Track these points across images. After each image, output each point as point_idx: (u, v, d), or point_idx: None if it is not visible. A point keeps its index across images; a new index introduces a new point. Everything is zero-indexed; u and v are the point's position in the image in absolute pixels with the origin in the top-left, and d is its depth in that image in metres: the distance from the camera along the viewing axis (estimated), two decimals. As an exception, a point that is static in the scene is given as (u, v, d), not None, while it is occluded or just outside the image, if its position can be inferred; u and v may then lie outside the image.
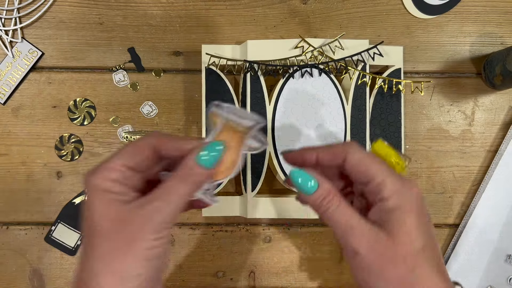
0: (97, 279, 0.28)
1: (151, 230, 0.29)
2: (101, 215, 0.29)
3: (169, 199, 0.30)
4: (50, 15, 0.57)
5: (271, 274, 0.56)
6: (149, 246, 0.29)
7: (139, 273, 0.29)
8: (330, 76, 0.51)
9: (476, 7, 0.58)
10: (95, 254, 0.29)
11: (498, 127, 0.57)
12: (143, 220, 0.29)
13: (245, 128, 0.34)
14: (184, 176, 0.31)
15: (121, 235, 0.29)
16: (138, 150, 0.32)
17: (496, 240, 0.55)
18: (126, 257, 0.28)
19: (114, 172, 0.30)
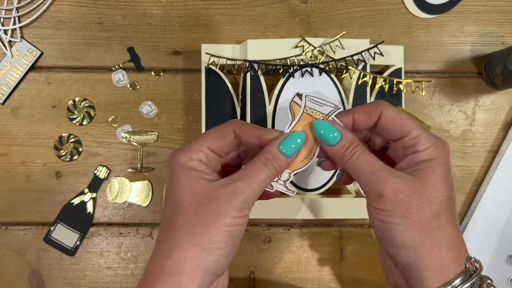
0: (179, 250, 0.30)
1: (234, 208, 0.31)
2: (187, 191, 0.31)
3: (252, 181, 0.32)
4: (49, 15, 0.56)
5: (271, 274, 0.56)
6: (231, 222, 0.31)
7: (220, 247, 0.30)
8: (330, 75, 0.50)
9: (477, 7, 0.57)
10: (178, 227, 0.31)
11: (499, 127, 0.57)
12: (228, 197, 0.31)
13: (322, 115, 0.35)
14: (267, 161, 0.33)
15: (207, 210, 0.31)
16: (222, 135, 0.34)
17: (497, 241, 0.55)
18: (210, 230, 0.30)
19: (200, 153, 0.33)
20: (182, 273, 0.30)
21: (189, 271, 0.30)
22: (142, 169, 0.56)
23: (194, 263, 0.30)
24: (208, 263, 0.30)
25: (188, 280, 0.30)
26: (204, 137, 0.34)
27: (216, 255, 0.30)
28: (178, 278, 0.30)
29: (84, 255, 0.56)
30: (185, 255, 0.30)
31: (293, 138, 0.34)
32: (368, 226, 0.56)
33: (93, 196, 0.56)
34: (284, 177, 0.36)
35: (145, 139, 0.56)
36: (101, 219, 0.56)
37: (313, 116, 0.35)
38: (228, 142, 0.34)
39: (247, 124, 0.35)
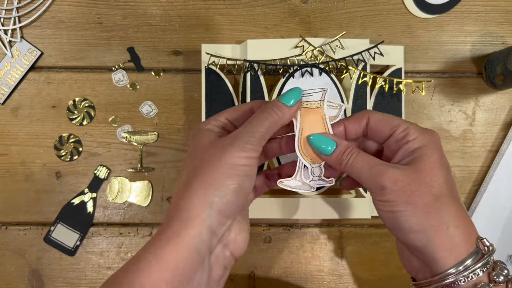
0: (191, 188, 0.32)
1: (237, 148, 0.33)
2: (198, 144, 0.35)
3: (253, 125, 0.34)
4: (49, 15, 0.56)
5: (271, 274, 0.56)
6: (236, 161, 0.33)
7: (226, 183, 0.32)
8: (330, 75, 0.50)
9: (477, 7, 0.57)
10: (188, 172, 0.34)
11: (499, 127, 0.57)
12: (230, 140, 0.34)
13: (317, 103, 0.37)
14: (266, 108, 0.35)
15: (212, 154, 0.33)
16: (241, 108, 0.38)
17: (497, 241, 0.55)
18: (216, 169, 0.32)
19: (217, 121, 0.37)
20: (190, 209, 0.32)
21: (196, 207, 0.32)
22: (142, 169, 0.56)
23: (201, 199, 0.32)
24: (214, 199, 0.32)
25: (195, 215, 0.31)
26: (224, 111, 0.38)
27: (222, 191, 0.32)
28: (187, 213, 0.32)
29: (84, 255, 0.56)
30: (194, 192, 0.32)
31: (292, 90, 0.36)
32: (368, 226, 0.56)
33: (93, 196, 0.56)
34: (317, 172, 0.38)
35: (145, 139, 0.56)
36: (101, 219, 0.56)
37: (311, 107, 0.38)
38: (245, 113, 0.37)
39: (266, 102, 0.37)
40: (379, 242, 0.56)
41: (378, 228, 0.56)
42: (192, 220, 0.31)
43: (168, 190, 0.56)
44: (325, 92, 0.37)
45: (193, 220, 0.31)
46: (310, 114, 0.38)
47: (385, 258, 0.56)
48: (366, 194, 0.51)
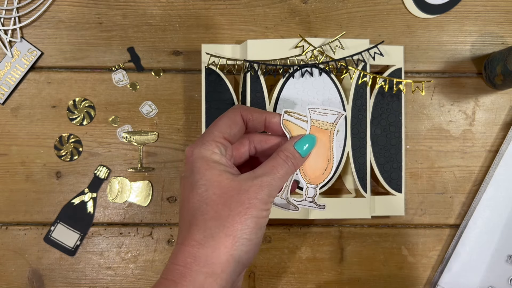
0: (213, 240, 0.31)
1: (261, 201, 0.32)
2: (214, 184, 0.32)
3: (276, 176, 0.34)
4: (49, 15, 0.57)
5: (271, 274, 0.56)
6: (259, 214, 0.32)
7: (251, 238, 0.32)
8: (330, 76, 0.50)
9: (476, 7, 0.57)
10: (209, 218, 0.32)
11: (499, 127, 0.57)
12: (256, 190, 0.32)
13: (329, 124, 0.37)
14: (287, 158, 0.35)
15: (237, 202, 0.32)
16: (233, 122, 0.36)
17: (497, 241, 0.55)
18: (242, 221, 0.31)
19: (219, 145, 0.34)
20: (216, 263, 0.30)
21: (223, 261, 0.31)
22: (142, 169, 0.56)
23: (228, 253, 0.31)
24: (240, 253, 0.31)
25: (220, 271, 0.31)
26: (218, 126, 0.35)
27: (248, 245, 0.31)
28: (211, 268, 0.30)
29: (84, 255, 0.56)
30: (219, 245, 0.31)
31: (307, 139, 0.36)
32: (368, 226, 0.56)
33: (93, 196, 0.56)
34: (311, 193, 0.38)
35: (145, 139, 0.56)
36: (101, 219, 0.56)
37: (322, 128, 0.37)
38: (239, 128, 0.36)
39: (251, 109, 0.37)
40: (379, 242, 0.56)
41: (378, 228, 0.56)
42: (217, 275, 0.30)
43: (168, 190, 0.56)
44: (340, 117, 0.37)
45: (218, 275, 0.30)
46: (319, 134, 0.37)
47: (385, 258, 0.56)
48: (366, 194, 0.51)
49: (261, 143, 0.39)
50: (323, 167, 0.38)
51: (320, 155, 0.37)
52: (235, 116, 0.36)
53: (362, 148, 0.51)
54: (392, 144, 0.52)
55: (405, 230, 0.56)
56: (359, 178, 0.51)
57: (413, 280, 0.56)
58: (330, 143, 0.37)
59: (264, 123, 0.37)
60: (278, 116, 0.37)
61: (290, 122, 0.37)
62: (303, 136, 0.36)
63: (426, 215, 0.56)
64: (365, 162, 0.51)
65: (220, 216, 0.31)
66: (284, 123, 0.37)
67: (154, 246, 0.56)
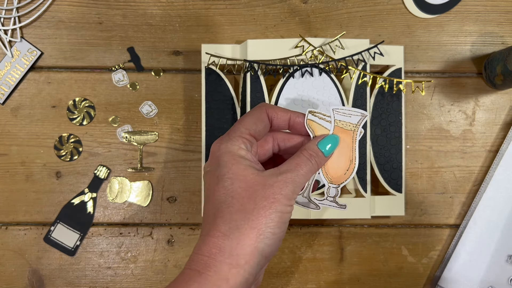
0: (238, 232, 0.31)
1: (285, 196, 0.33)
2: (240, 178, 0.33)
3: (299, 173, 0.34)
4: (49, 15, 0.56)
5: (271, 274, 0.56)
6: (283, 209, 0.33)
7: (275, 232, 0.32)
8: (330, 75, 0.50)
9: (477, 7, 0.57)
10: (235, 211, 0.32)
11: (499, 127, 0.57)
12: (280, 186, 0.33)
13: (353, 125, 0.38)
14: (311, 157, 0.35)
15: (262, 196, 0.32)
16: (259, 120, 0.36)
17: (497, 241, 0.55)
18: (267, 215, 0.32)
19: (245, 140, 0.35)
20: (240, 255, 0.31)
21: (247, 253, 0.31)
22: (142, 169, 0.56)
23: (252, 245, 0.31)
24: (264, 246, 0.32)
25: (244, 262, 0.31)
26: (244, 123, 0.36)
27: (272, 239, 0.32)
28: (236, 259, 0.31)
29: (84, 255, 0.56)
30: (244, 237, 0.31)
31: (330, 139, 0.37)
32: (368, 226, 0.56)
33: (93, 196, 0.56)
34: (333, 193, 0.39)
35: (145, 139, 0.56)
36: (101, 219, 0.56)
37: (345, 128, 0.38)
38: (265, 125, 0.37)
39: (276, 107, 0.38)
40: (379, 242, 0.56)
41: (378, 228, 0.56)
42: (241, 267, 0.31)
43: (168, 190, 0.56)
44: (364, 118, 0.37)
45: (241, 267, 0.31)
46: (342, 134, 0.38)
47: (385, 258, 0.56)
48: (366, 194, 0.51)
49: (285, 141, 0.39)
50: (345, 167, 0.38)
51: (343, 155, 0.38)
52: (261, 113, 0.37)
53: (362, 148, 0.51)
54: (392, 144, 0.52)
55: (405, 230, 0.56)
56: (359, 178, 0.51)
57: (413, 280, 0.56)
58: (353, 143, 0.38)
59: (288, 122, 0.38)
60: (302, 116, 0.38)
61: (313, 122, 0.38)
62: (326, 136, 0.37)
63: (426, 215, 0.56)
64: (365, 162, 0.51)
65: (246, 209, 0.32)
66: (308, 123, 0.38)
67: (154, 246, 0.56)
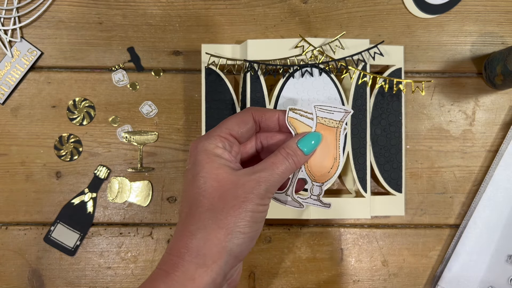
0: (205, 231, 0.31)
1: (258, 196, 0.32)
2: (212, 176, 0.33)
3: (274, 172, 0.34)
4: (49, 15, 0.56)
5: (271, 274, 0.56)
6: (255, 209, 0.32)
7: (245, 231, 0.32)
8: (330, 75, 0.50)
9: (477, 7, 0.57)
10: (204, 210, 0.32)
11: (499, 127, 0.57)
12: (253, 185, 0.32)
13: (336, 122, 0.37)
14: (288, 155, 0.35)
15: (233, 196, 0.32)
16: (243, 121, 0.36)
17: (497, 241, 0.55)
18: (236, 215, 0.31)
19: (224, 140, 0.35)
20: (207, 254, 0.31)
21: (214, 253, 0.31)
22: (142, 169, 0.56)
23: (220, 245, 0.31)
24: (233, 246, 0.31)
25: (211, 262, 0.31)
26: (226, 123, 0.36)
27: (241, 238, 0.32)
28: (203, 259, 0.31)
29: (84, 255, 0.56)
30: (211, 237, 0.31)
31: (311, 137, 0.36)
32: (368, 226, 0.56)
33: (93, 196, 0.56)
34: (316, 192, 0.38)
35: (145, 139, 0.56)
36: (101, 219, 0.56)
37: (328, 125, 0.37)
38: (249, 128, 0.36)
39: (264, 109, 0.37)
40: (379, 242, 0.56)
41: (378, 228, 0.56)
42: (208, 266, 0.31)
43: (168, 190, 0.56)
44: (347, 115, 0.37)
45: (208, 266, 0.31)
46: (325, 131, 0.37)
47: (385, 258, 0.56)
48: (366, 194, 0.51)
49: (267, 139, 0.39)
50: (329, 165, 0.37)
51: (326, 153, 0.37)
52: (245, 116, 0.36)
53: (362, 148, 0.51)
54: (392, 144, 0.52)
55: (405, 230, 0.56)
56: (359, 178, 0.51)
57: (413, 280, 0.56)
58: (336, 141, 0.37)
59: (277, 122, 0.37)
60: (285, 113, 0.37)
61: (295, 120, 0.37)
62: (308, 134, 0.36)
63: (426, 215, 0.56)
64: (365, 162, 0.51)
65: (215, 208, 0.32)
66: (289, 121, 0.37)
67: (154, 246, 0.56)
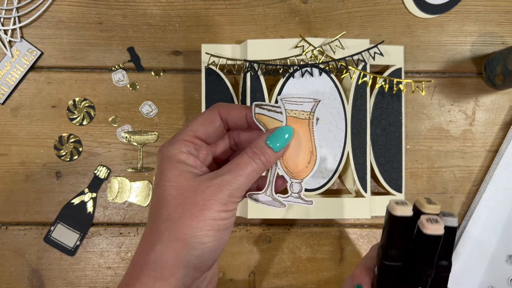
0: (162, 244, 0.30)
1: (219, 201, 0.30)
2: (172, 184, 0.31)
3: (238, 174, 0.31)
4: (49, 15, 0.56)
5: (271, 274, 0.56)
6: (216, 216, 0.30)
7: (204, 241, 0.30)
8: (330, 75, 0.50)
9: (477, 7, 0.57)
10: (162, 221, 0.30)
11: (499, 127, 0.57)
12: (213, 191, 0.30)
13: (307, 113, 0.34)
14: (254, 155, 0.32)
15: (191, 204, 0.30)
16: (209, 121, 0.34)
17: (496, 241, 0.55)
18: (194, 224, 0.29)
19: (189, 144, 0.32)
20: (164, 267, 0.29)
21: (171, 266, 0.29)
22: (142, 169, 0.56)
23: (176, 257, 0.29)
24: (191, 258, 0.30)
25: (169, 275, 0.29)
26: (191, 125, 0.33)
27: (200, 249, 0.30)
28: (160, 272, 0.29)
29: (84, 255, 0.56)
30: (168, 249, 0.29)
31: (280, 132, 0.33)
32: (368, 226, 0.56)
33: (93, 196, 0.56)
34: (296, 189, 0.36)
35: (145, 139, 0.56)
36: (101, 219, 0.56)
37: (299, 118, 0.34)
38: (216, 127, 0.34)
39: (231, 105, 0.35)
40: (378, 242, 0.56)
41: (378, 228, 0.56)
42: (166, 280, 0.29)
43: (168, 190, 0.56)
44: (317, 104, 0.34)
45: (166, 280, 0.29)
46: (297, 125, 0.34)
47: (385, 258, 0.56)
48: (366, 194, 0.51)
49: (240, 136, 0.36)
50: (306, 160, 0.35)
51: (301, 147, 0.34)
52: (211, 114, 0.34)
53: (362, 148, 0.51)
54: (392, 144, 0.52)
55: (405, 230, 0.56)
56: (359, 178, 0.51)
57: (413, 280, 0.56)
58: (310, 133, 0.34)
59: (245, 119, 0.34)
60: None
61: (264, 116, 0.34)
62: (277, 129, 0.33)
63: (426, 215, 0.56)
64: (365, 162, 0.51)
65: (172, 219, 0.30)
66: (257, 117, 0.34)
67: (154, 246, 0.56)
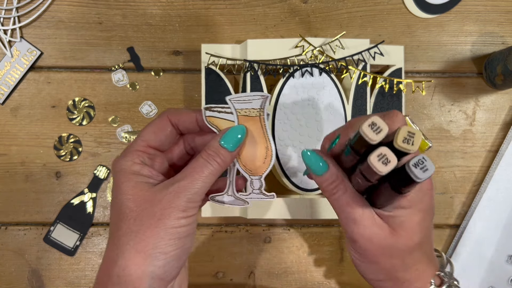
0: (123, 257, 0.29)
1: (178, 208, 0.30)
2: (128, 197, 0.30)
3: (195, 178, 0.31)
4: (49, 15, 0.56)
5: (271, 274, 0.56)
6: (176, 224, 0.29)
7: (166, 251, 0.29)
8: (330, 75, 0.50)
9: (477, 7, 0.57)
10: (121, 235, 0.30)
11: (499, 127, 0.57)
12: (170, 198, 0.30)
13: (257, 111, 0.35)
14: (209, 157, 0.32)
15: (148, 215, 0.29)
16: (160, 128, 0.33)
17: (497, 241, 0.55)
18: (153, 235, 0.29)
19: (142, 154, 0.32)
20: (128, 282, 0.29)
21: (134, 279, 0.29)
22: (142, 169, 0.56)
23: (139, 270, 0.29)
24: (154, 269, 0.29)
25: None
26: (142, 135, 0.33)
27: (162, 259, 0.29)
28: (124, 286, 0.29)
29: (84, 255, 0.56)
30: (129, 263, 0.29)
31: (233, 132, 0.33)
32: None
33: (93, 196, 0.56)
34: (257, 185, 0.36)
35: (145, 139, 0.56)
36: (101, 219, 0.56)
37: (250, 115, 0.35)
38: (168, 134, 0.34)
39: (181, 110, 0.35)
40: (379, 242, 0.56)
41: (378, 228, 0.56)
42: None
43: (168, 190, 0.56)
44: (265, 100, 0.35)
45: None
46: (249, 123, 0.35)
47: (385, 258, 0.56)
48: (366, 194, 0.51)
49: (194, 139, 0.36)
50: (262, 156, 0.35)
51: (256, 143, 0.35)
52: (162, 121, 0.34)
53: (362, 148, 0.51)
54: (392, 144, 0.52)
55: (405, 230, 0.56)
56: (359, 178, 0.51)
57: (413, 280, 0.56)
58: (263, 129, 0.35)
59: (196, 123, 0.35)
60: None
61: (215, 118, 0.35)
62: (229, 129, 0.33)
63: (426, 215, 0.56)
64: (365, 162, 0.51)
65: (131, 232, 0.30)
66: (208, 120, 0.35)
67: (154, 246, 0.56)
